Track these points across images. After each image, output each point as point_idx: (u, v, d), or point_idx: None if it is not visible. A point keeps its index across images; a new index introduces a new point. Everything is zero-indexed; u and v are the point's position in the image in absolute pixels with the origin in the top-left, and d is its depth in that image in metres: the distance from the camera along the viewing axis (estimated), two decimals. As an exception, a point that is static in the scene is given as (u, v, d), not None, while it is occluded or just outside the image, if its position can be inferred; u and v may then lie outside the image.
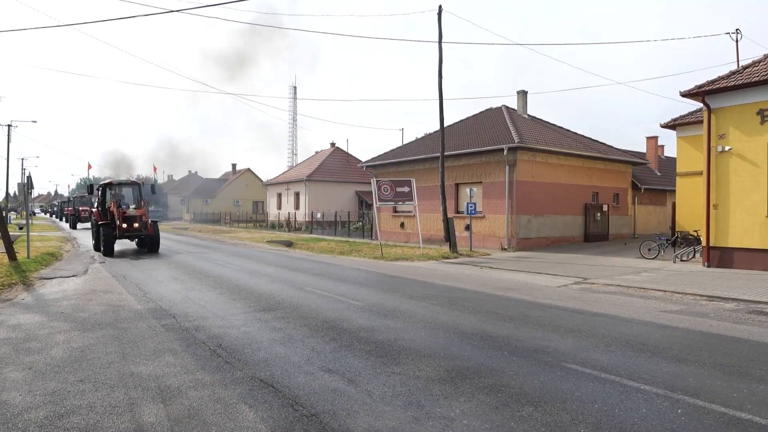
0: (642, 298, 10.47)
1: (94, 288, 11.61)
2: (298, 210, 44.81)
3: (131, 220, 20.31)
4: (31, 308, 9.37)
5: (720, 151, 15.09)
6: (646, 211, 30.43)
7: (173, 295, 10.40)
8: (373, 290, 11.31)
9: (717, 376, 5.23)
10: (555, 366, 5.57)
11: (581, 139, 27.28)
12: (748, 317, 8.49)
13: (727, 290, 11.11)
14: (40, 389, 5.04)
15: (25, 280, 12.84)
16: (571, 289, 11.85)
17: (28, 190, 18.03)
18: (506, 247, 21.79)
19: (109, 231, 19.86)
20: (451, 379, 5.16)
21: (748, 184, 14.56)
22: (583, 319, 8.15)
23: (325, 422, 4.17)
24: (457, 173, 24.22)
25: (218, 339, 6.86)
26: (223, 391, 4.94)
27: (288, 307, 9.08)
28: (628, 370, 5.42)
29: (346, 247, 23.40)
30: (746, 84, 14.35)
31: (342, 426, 4.09)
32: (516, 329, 7.39)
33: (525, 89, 27.91)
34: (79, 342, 6.82)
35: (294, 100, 73.00)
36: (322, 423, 4.16)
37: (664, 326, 7.70)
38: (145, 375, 5.43)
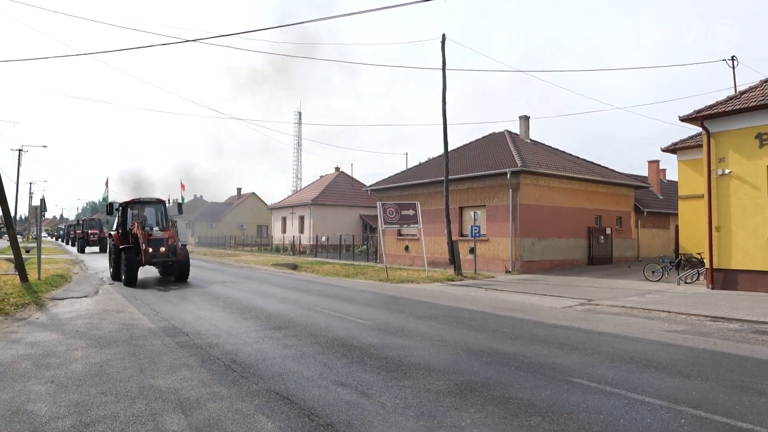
0: (646, 319, 10.60)
1: (106, 308, 11.81)
2: (302, 234, 45.08)
3: (158, 244, 17.44)
4: (47, 327, 9.57)
5: (720, 174, 15.36)
6: (649, 234, 30.57)
7: (185, 315, 10.59)
8: (380, 310, 11.48)
9: (719, 390, 5.38)
10: (561, 380, 5.73)
11: (583, 163, 27.64)
12: (752, 337, 8.61)
13: (731, 311, 11.22)
14: (64, 400, 5.23)
15: (38, 300, 13.05)
16: (576, 310, 11.98)
17: (41, 213, 18.37)
18: (510, 270, 21.92)
19: (132, 256, 17.01)
20: (461, 392, 5.33)
21: (750, 207, 14.77)
22: (588, 338, 8.30)
23: (341, 431, 4.35)
24: (461, 197, 24.52)
25: (232, 355, 7.05)
26: (240, 402, 5.12)
27: (298, 326, 9.26)
28: (632, 384, 5.58)
29: (351, 270, 23.56)
30: (744, 109, 14.70)
31: (357, 434, 4.27)
32: (522, 347, 7.55)
33: (527, 114, 28.43)
34: (97, 358, 7.01)
35: (299, 125, 74.12)
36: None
37: (668, 344, 7.84)
38: (164, 388, 5.61)
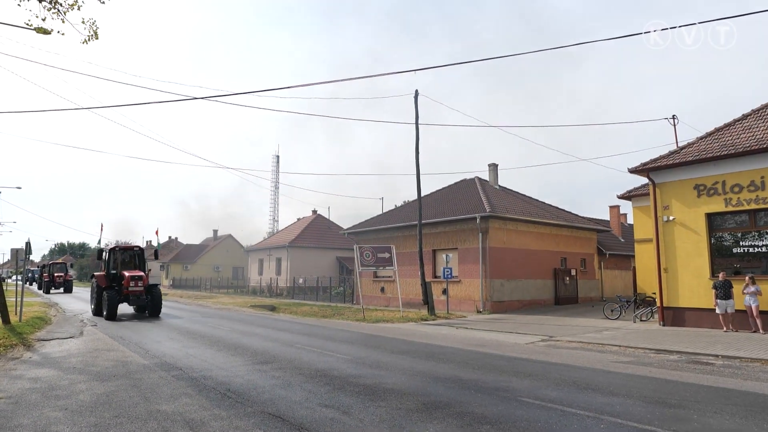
0: (599, 352, 11.74)
1: (96, 347, 12.39)
2: (279, 276, 45.54)
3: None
4: (43, 365, 10.17)
5: (666, 220, 16.97)
6: (612, 275, 32.22)
7: (174, 352, 11.30)
8: (357, 347, 12.38)
9: (639, 405, 6.50)
10: (512, 399, 6.78)
11: (549, 208, 29.38)
12: (686, 365, 9.81)
13: (675, 345, 12.47)
14: (82, 423, 6.01)
15: (24, 341, 13.50)
16: (538, 345, 13.07)
17: (26, 256, 18.82)
18: (481, 310, 23.01)
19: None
20: (427, 409, 6.32)
21: (692, 250, 16.32)
22: (541, 367, 9.38)
23: (326, 439, 5.27)
24: (434, 240, 25.79)
25: (226, 385, 7.88)
26: (239, 421, 5.99)
27: (283, 360, 10.11)
28: (569, 401, 6.66)
29: (329, 311, 24.30)
30: (683, 162, 16.46)
31: (340, 441, 5.20)
32: (483, 374, 8.59)
33: (496, 162, 30.26)
34: (101, 389, 7.75)
35: (277, 169, 75.41)
36: (325, 439, 5.26)
37: (609, 372, 8.98)
38: (169, 412, 6.43)
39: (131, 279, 20.68)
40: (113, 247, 23.26)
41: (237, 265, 64.94)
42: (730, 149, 15.47)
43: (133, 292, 20.65)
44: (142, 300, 20.93)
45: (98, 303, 21.30)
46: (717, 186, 15.79)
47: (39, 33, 14.47)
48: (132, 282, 20.65)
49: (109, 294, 20.16)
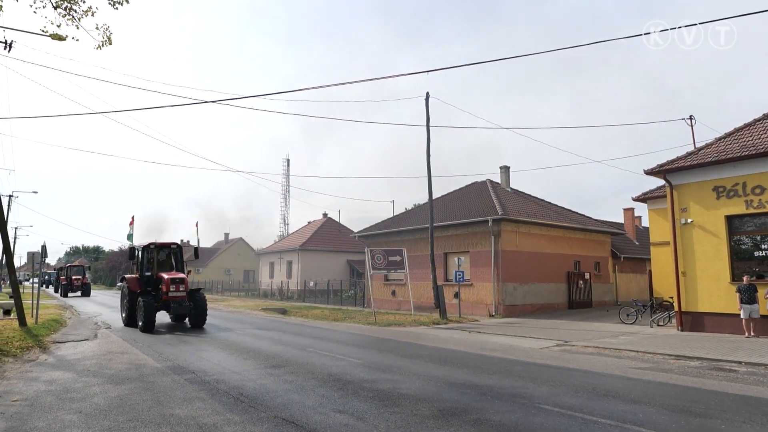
0: (616, 358, 11.52)
1: (109, 350, 12.42)
2: (290, 279, 45.60)
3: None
4: (58, 367, 10.20)
5: (684, 223, 16.67)
6: (627, 279, 31.79)
7: (187, 356, 11.27)
8: (370, 351, 12.27)
9: (663, 413, 6.32)
10: (530, 406, 6.63)
11: (562, 211, 29.08)
12: (708, 372, 9.57)
13: (695, 351, 12.20)
14: (97, 427, 5.97)
15: (40, 343, 13.58)
16: (553, 350, 12.87)
17: (42, 259, 18.99)
18: (494, 314, 22.79)
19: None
20: (443, 416, 6.20)
21: (711, 253, 16.00)
22: (558, 373, 9.21)
23: (342, 446, 5.17)
24: (446, 243, 25.62)
25: (239, 389, 7.81)
26: (252, 426, 5.91)
27: (295, 364, 10.04)
28: (590, 408, 6.49)
29: (340, 314, 24.23)
30: (701, 164, 16.16)
31: (356, 448, 5.10)
32: (498, 380, 8.44)
33: (508, 165, 30.04)
34: (115, 392, 7.72)
35: (287, 172, 75.70)
36: (340, 446, 5.16)
37: (629, 378, 8.78)
38: (182, 416, 6.37)
39: (171, 282, 17.32)
40: (148, 244, 19.07)
41: (248, 268, 65.17)
42: (750, 150, 15.15)
43: (174, 297, 17.29)
44: (185, 307, 17.45)
45: (131, 311, 17.80)
46: (737, 188, 15.48)
47: (54, 39, 14.59)
48: (173, 286, 17.29)
49: (145, 301, 16.67)
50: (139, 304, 16.95)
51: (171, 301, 17.24)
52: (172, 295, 17.23)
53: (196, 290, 18.34)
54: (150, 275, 18.29)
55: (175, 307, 17.25)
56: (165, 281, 17.37)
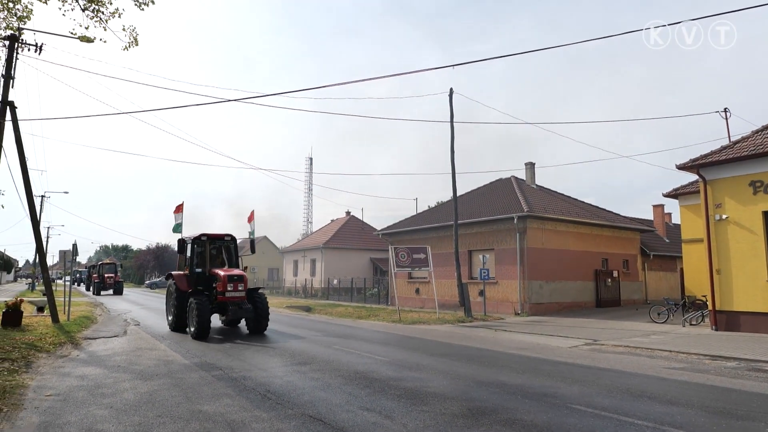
0: (648, 357, 11.20)
1: (138, 346, 12.61)
2: (314, 276, 45.84)
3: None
4: (89, 363, 10.38)
5: (718, 219, 16.13)
6: (656, 277, 31.01)
7: (213, 352, 11.36)
8: (395, 348, 12.19)
9: (702, 415, 6.07)
10: (561, 406, 6.45)
11: (588, 208, 28.51)
12: (746, 373, 9.21)
13: (731, 351, 11.78)
14: (127, 422, 6.02)
15: (72, 339, 13.87)
16: (582, 349, 12.59)
17: (73, 258, 19.44)
18: (519, 312, 22.48)
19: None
20: (472, 415, 6.07)
21: (748, 251, 15.44)
22: (589, 372, 8.98)
23: (370, 444, 5.10)
24: (470, 240, 25.37)
25: (265, 386, 7.82)
26: (279, 423, 5.88)
27: (321, 362, 10.02)
28: (624, 409, 6.29)
29: (364, 312, 24.22)
30: (737, 158, 15.61)
31: (385, 447, 5.02)
32: (527, 379, 8.27)
33: (533, 161, 29.58)
34: (144, 388, 7.80)
35: (310, 171, 76.17)
36: (369, 445, 5.09)
37: (663, 379, 8.50)
38: (210, 412, 6.39)
39: (229, 280, 14.67)
40: (198, 236, 16.24)
41: (272, 266, 65.77)
42: (789, 143, 14.57)
43: (232, 298, 14.65)
44: (245, 310, 14.64)
45: (180, 314, 15.28)
46: (775, 182, 14.90)
47: (83, 41, 14.89)
48: (230, 284, 14.65)
49: (198, 302, 14.04)
50: (190, 306, 14.42)
51: (228, 302, 14.57)
52: (230, 296, 14.58)
53: (255, 289, 15.73)
54: (201, 272, 15.84)
55: (234, 309, 14.47)
56: (221, 279, 14.73)
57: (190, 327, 14.33)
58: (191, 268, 15.88)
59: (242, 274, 15.07)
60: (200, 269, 15.91)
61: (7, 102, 15.51)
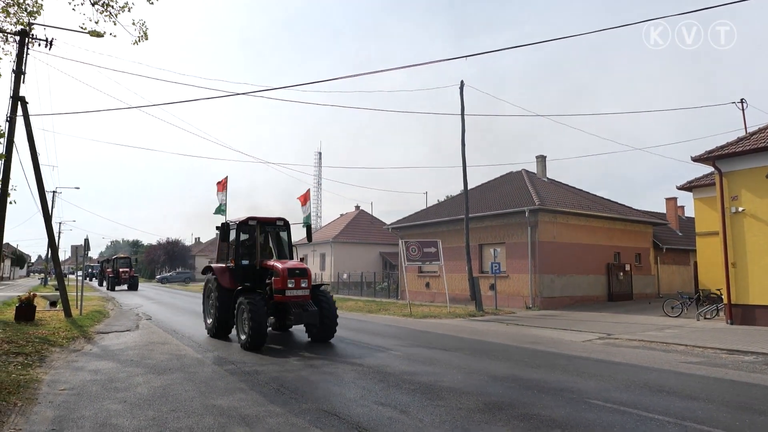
0: (664, 352, 11.04)
1: (150, 340, 12.65)
2: (324, 271, 45.91)
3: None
4: (102, 357, 10.42)
5: (734, 212, 15.87)
6: (669, 271, 30.68)
7: (226, 347, 11.36)
8: (408, 343, 12.12)
9: (723, 410, 5.95)
10: (579, 401, 6.35)
11: (600, 201, 28.22)
12: (765, 368, 9.04)
13: (748, 345, 11.59)
14: (141, 416, 6.00)
15: (85, 334, 13.95)
16: (595, 343, 12.45)
17: (85, 253, 19.55)
18: (531, 306, 22.33)
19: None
20: (489, 410, 5.99)
21: (764, 244, 15.19)
22: (605, 367, 8.86)
23: (386, 439, 5.04)
24: (481, 234, 25.21)
25: (279, 381, 7.78)
26: (294, 418, 5.84)
27: (333, 356, 9.98)
28: (644, 404, 6.17)
29: (375, 306, 24.18)
30: (754, 149, 15.32)
31: (401, 442, 4.95)
32: (543, 374, 8.16)
33: (544, 154, 29.29)
34: (158, 382, 7.80)
35: (319, 165, 76.17)
36: (385, 440, 5.03)
37: (681, 373, 8.36)
38: (224, 407, 6.36)
39: (290, 275, 11.50)
40: (245, 219, 13.03)
41: (282, 260, 65.94)
42: (808, 134, 14.26)
43: (293, 298, 11.50)
44: (311, 314, 11.39)
45: (224, 317, 12.41)
46: (793, 174, 14.61)
47: (93, 36, 14.87)
48: (291, 281, 11.44)
49: (252, 303, 10.96)
50: (239, 308, 11.36)
51: (290, 303, 11.43)
52: (291, 295, 11.42)
53: (318, 286, 12.54)
54: (248, 264, 12.75)
55: (298, 313, 11.23)
56: (279, 273, 11.48)
57: (240, 334, 11.27)
58: (237, 260, 12.71)
59: (305, 268, 11.91)
60: (246, 261, 12.79)
61: (18, 97, 15.57)
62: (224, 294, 12.53)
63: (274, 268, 11.93)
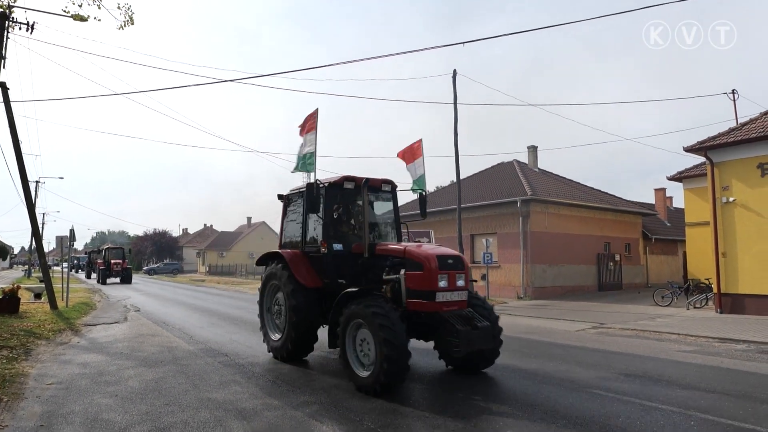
0: (657, 341, 11.07)
1: (140, 332, 12.40)
2: (313, 262, 45.62)
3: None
4: (90, 349, 10.17)
5: (725, 202, 15.96)
6: (658, 261, 30.96)
7: (218, 338, 11.17)
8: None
9: (725, 399, 5.93)
10: (581, 391, 6.29)
11: (591, 192, 28.32)
12: (758, 356, 9.09)
13: (739, 333, 11.67)
14: (134, 411, 5.82)
15: (72, 326, 13.65)
16: (589, 333, 12.46)
17: (70, 243, 19.16)
18: (522, 296, 22.38)
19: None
20: (491, 400, 5.90)
21: (754, 233, 15.31)
22: (602, 356, 8.83)
23: None
24: (473, 225, 25.17)
25: (275, 372, 7.63)
26: (293, 411, 5.70)
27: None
28: (646, 394, 6.13)
29: (366, 296, 24.04)
30: (745, 140, 15.39)
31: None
32: (541, 364, 8.11)
33: (535, 144, 29.28)
34: (150, 376, 7.60)
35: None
36: None
37: (678, 362, 8.36)
38: (220, 400, 6.19)
39: (441, 265, 6.85)
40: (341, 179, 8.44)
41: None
42: (800, 124, 14.34)
43: (449, 306, 6.91)
44: (482, 334, 6.97)
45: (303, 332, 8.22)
46: (784, 164, 14.71)
47: (76, 20, 14.44)
48: (443, 276, 6.81)
49: (385, 315, 6.38)
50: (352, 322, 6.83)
51: (444, 315, 6.92)
52: (445, 301, 6.84)
53: None
54: (341, 249, 8.13)
55: (466, 333, 6.73)
56: (424, 263, 6.87)
57: (357, 369, 6.68)
58: (329, 243, 8.06)
59: (460, 256, 7.26)
60: (340, 246, 8.11)
61: (-1, 83, 15.09)
62: (305, 296, 8.08)
63: (408, 255, 7.07)
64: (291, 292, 8.22)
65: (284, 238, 9.65)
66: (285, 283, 8.36)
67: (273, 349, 8.77)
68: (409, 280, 6.87)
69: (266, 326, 9.18)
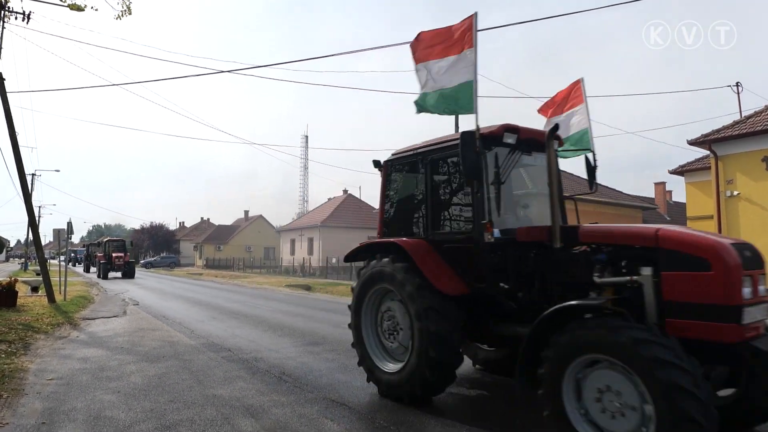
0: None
1: (140, 327, 12.23)
2: (312, 255, 45.55)
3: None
4: (90, 344, 10.00)
5: (729, 195, 15.88)
6: (657, 255, 30.94)
7: (220, 332, 11.01)
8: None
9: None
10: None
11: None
12: None
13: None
14: (137, 408, 5.66)
15: (70, 320, 13.47)
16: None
17: (68, 236, 18.93)
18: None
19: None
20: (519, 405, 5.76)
21: (759, 227, 15.22)
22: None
23: (403, 431, 4.78)
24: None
25: (280, 368, 7.48)
26: (302, 408, 5.54)
27: (333, 342, 9.70)
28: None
29: (366, 290, 23.92)
30: (750, 133, 15.30)
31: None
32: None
33: (535, 138, 29.05)
34: (152, 371, 7.43)
35: (306, 148, 75.24)
36: (401, 431, 4.77)
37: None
38: (226, 397, 6.04)
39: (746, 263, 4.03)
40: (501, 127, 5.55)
41: (268, 245, 65.40)
42: (807, 117, 14.23)
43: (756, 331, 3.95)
44: None
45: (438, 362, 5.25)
46: (790, 158, 14.62)
47: (73, 9, 14.19)
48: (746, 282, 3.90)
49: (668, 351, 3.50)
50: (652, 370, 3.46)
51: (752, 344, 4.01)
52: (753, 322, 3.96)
53: None
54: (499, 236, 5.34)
55: None
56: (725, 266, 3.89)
57: None
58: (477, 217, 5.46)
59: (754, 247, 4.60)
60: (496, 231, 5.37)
61: (-6, 73, 14.81)
62: (443, 308, 5.38)
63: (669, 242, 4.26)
64: (427, 304, 5.34)
65: (391, 222, 7.16)
66: (413, 291, 5.47)
67: (385, 384, 5.86)
68: (675, 284, 4.10)
69: (364, 342, 6.33)
